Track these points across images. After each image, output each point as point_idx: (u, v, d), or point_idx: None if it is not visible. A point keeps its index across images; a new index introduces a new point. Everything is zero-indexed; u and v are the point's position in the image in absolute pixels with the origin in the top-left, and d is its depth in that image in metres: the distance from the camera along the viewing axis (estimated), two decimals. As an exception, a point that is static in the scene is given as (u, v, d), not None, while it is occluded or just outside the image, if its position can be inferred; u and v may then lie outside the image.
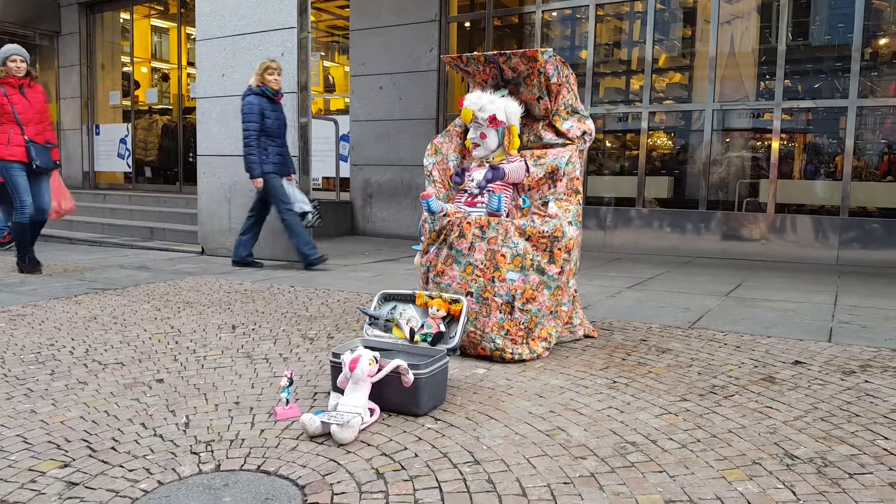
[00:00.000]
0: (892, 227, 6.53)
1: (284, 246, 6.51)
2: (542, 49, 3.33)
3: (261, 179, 5.90)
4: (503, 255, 3.08)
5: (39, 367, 2.97)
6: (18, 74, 5.46)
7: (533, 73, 3.39)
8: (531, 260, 3.11)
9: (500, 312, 3.08)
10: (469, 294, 3.11)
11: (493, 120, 3.31)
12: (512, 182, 3.39)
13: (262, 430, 2.25)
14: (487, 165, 3.43)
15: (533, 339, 3.13)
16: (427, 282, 3.33)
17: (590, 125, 3.48)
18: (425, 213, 3.38)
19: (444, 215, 3.27)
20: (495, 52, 3.45)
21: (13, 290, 4.89)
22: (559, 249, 3.16)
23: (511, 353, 3.05)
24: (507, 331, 3.08)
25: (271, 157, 5.95)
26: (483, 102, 3.32)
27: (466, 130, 3.61)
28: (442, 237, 3.26)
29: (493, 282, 3.08)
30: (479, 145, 3.41)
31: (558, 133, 3.46)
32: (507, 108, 3.33)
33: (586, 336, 3.53)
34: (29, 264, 5.61)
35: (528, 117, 3.61)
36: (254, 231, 6.24)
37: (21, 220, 5.55)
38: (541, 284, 3.13)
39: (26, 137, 5.44)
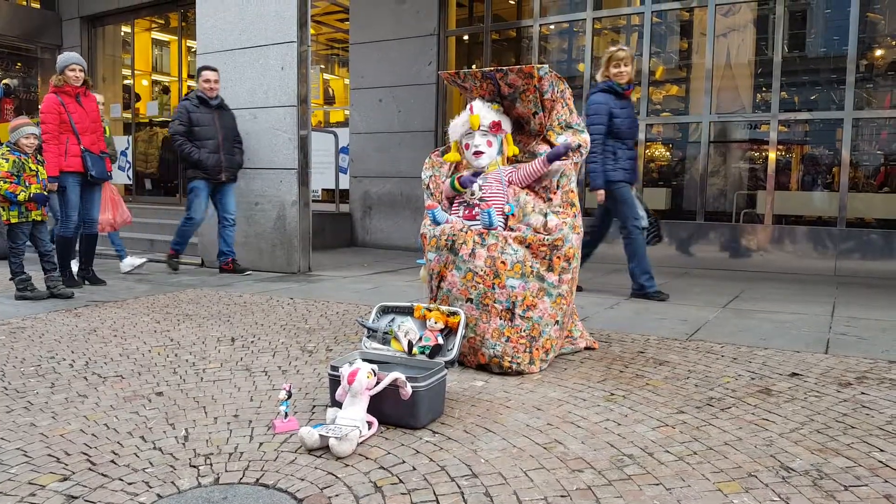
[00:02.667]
0: (890, 238, 6.56)
1: (284, 256, 6.53)
2: (539, 65, 3.37)
3: (602, 191, 5.05)
4: (503, 262, 3.10)
5: (39, 380, 2.98)
6: (76, 84, 5.41)
7: (529, 89, 3.43)
8: (531, 267, 3.12)
9: (500, 319, 3.09)
10: (469, 300, 3.12)
11: (496, 126, 3.41)
12: (523, 181, 3.48)
13: (261, 444, 2.26)
14: (483, 175, 3.47)
15: (536, 349, 3.14)
16: (431, 290, 3.34)
17: (585, 138, 3.51)
18: (423, 228, 3.40)
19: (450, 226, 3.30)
20: (492, 69, 3.49)
21: (12, 302, 4.90)
22: (558, 258, 3.18)
23: (510, 362, 3.06)
24: (508, 338, 3.08)
25: (621, 162, 5.05)
26: (485, 111, 3.47)
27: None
28: (444, 241, 3.27)
29: (493, 288, 3.09)
30: (483, 153, 3.45)
31: (552, 147, 3.49)
32: (502, 117, 3.53)
33: (587, 348, 3.54)
34: (68, 279, 5.51)
35: (524, 133, 3.65)
36: (592, 251, 5.48)
37: (65, 234, 5.53)
38: (541, 291, 3.14)
39: (82, 147, 5.42)
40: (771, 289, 5.72)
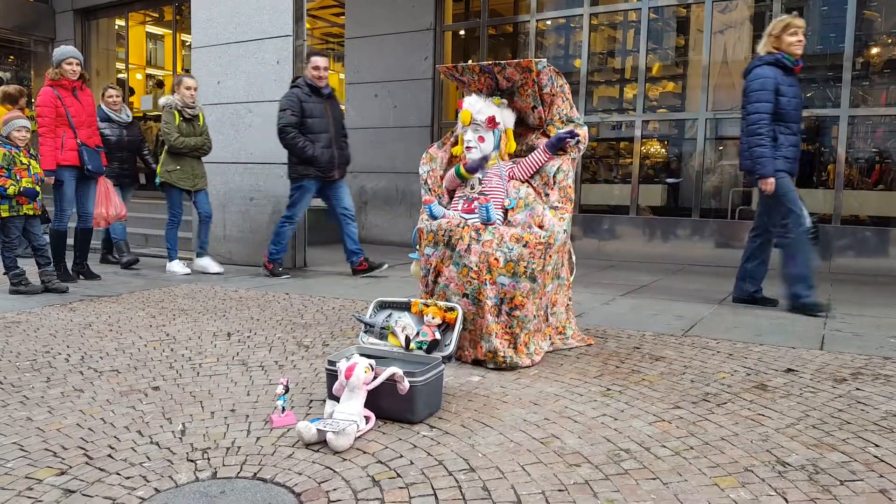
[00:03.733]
0: (884, 235, 6.58)
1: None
2: (537, 59, 3.37)
3: (772, 180, 4.32)
4: (496, 259, 3.10)
5: (35, 375, 2.97)
6: (73, 77, 5.38)
7: (527, 83, 3.43)
8: (525, 267, 3.12)
9: (491, 315, 3.10)
10: (465, 296, 3.13)
11: (491, 121, 3.40)
12: (524, 173, 3.48)
13: (258, 438, 2.26)
14: (483, 170, 3.47)
15: (519, 346, 3.15)
16: (426, 285, 3.34)
17: (584, 132, 3.50)
18: (420, 223, 3.40)
19: (447, 221, 3.31)
20: (490, 62, 3.49)
21: (6, 296, 4.88)
22: (550, 256, 3.20)
23: (503, 356, 3.07)
24: (496, 333, 3.10)
25: (783, 149, 4.35)
26: (480, 105, 3.43)
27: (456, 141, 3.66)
28: (441, 236, 3.27)
29: (486, 284, 3.09)
30: (474, 147, 3.45)
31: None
32: (502, 111, 3.49)
33: (587, 345, 3.54)
34: (63, 274, 5.49)
35: (523, 127, 3.65)
36: (762, 257, 4.73)
37: (59, 228, 5.52)
38: (530, 292, 3.16)
39: (79, 141, 5.40)
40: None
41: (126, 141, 6.42)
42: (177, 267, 6.17)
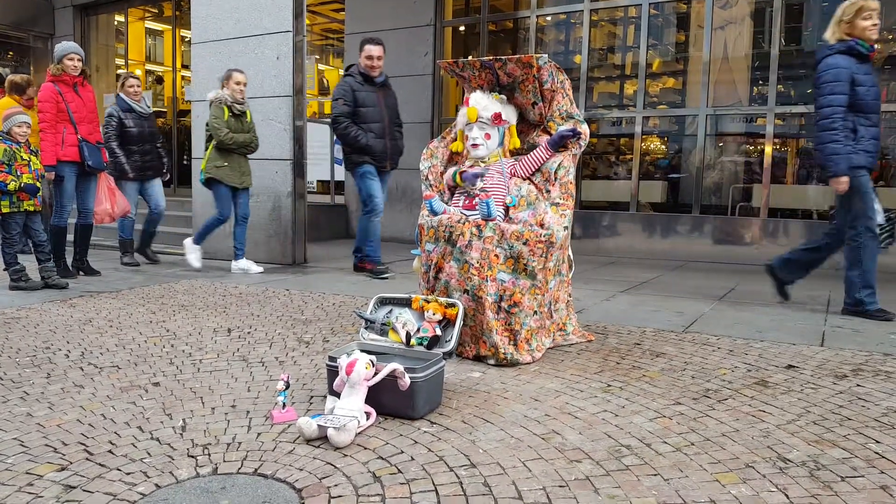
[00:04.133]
0: (884, 231, 6.57)
1: (279, 247, 6.51)
2: (538, 55, 3.35)
3: (846, 179, 4.01)
4: (497, 256, 3.10)
5: (35, 371, 2.97)
6: (74, 73, 5.38)
7: (528, 79, 3.42)
8: (524, 265, 3.12)
9: (491, 311, 3.10)
10: (465, 292, 3.12)
11: (497, 117, 3.40)
12: (525, 171, 3.49)
13: (259, 434, 2.26)
14: (482, 166, 3.47)
15: (520, 342, 3.15)
16: (428, 281, 3.34)
17: (584, 129, 3.50)
18: (421, 219, 3.39)
19: (447, 217, 3.30)
20: (491, 58, 3.47)
21: (7, 292, 4.87)
22: (551, 253, 3.20)
23: (503, 352, 3.07)
24: (496, 330, 3.10)
25: (863, 142, 4.02)
26: (486, 102, 3.44)
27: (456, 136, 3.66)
28: (442, 232, 3.27)
29: (486, 281, 3.09)
30: (480, 145, 3.45)
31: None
32: (504, 108, 3.50)
33: (587, 342, 3.54)
34: (63, 270, 5.48)
35: (524, 123, 3.65)
36: (820, 255, 4.41)
37: (59, 224, 5.52)
38: (529, 289, 3.16)
39: (79, 136, 5.39)
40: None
41: (148, 132, 6.37)
42: (194, 254, 5.98)
